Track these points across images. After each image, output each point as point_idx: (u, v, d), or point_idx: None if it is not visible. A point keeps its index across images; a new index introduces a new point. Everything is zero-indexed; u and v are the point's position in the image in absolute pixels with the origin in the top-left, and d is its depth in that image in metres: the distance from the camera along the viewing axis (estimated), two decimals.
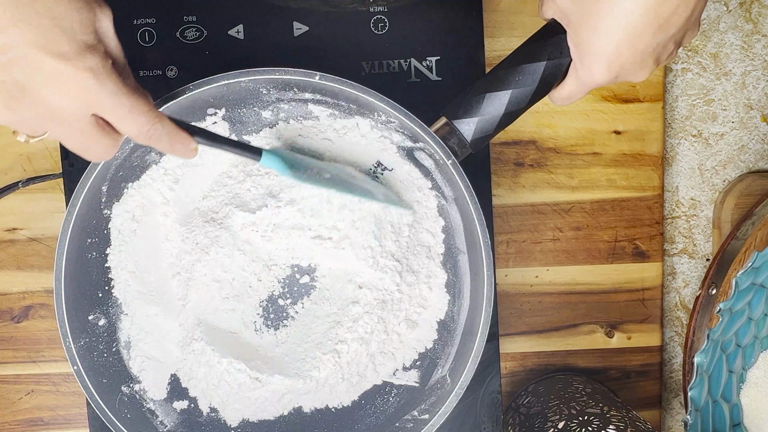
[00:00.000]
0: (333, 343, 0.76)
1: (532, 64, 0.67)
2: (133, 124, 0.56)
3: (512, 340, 0.89)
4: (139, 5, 0.81)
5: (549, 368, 0.89)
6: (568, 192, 0.87)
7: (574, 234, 0.88)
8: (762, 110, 0.89)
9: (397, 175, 0.77)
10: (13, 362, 0.86)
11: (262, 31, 0.82)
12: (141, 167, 0.76)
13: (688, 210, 0.91)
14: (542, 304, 0.89)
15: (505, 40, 0.85)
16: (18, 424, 0.87)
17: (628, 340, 0.89)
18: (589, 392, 0.83)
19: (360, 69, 0.82)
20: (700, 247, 0.91)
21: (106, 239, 0.76)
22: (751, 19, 0.88)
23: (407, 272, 0.77)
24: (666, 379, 0.93)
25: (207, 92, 0.71)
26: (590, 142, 0.87)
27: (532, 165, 0.87)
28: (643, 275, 0.88)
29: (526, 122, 0.86)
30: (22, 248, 0.85)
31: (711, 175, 0.90)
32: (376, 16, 0.82)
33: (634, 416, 0.79)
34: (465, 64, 0.82)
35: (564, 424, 0.77)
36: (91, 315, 0.74)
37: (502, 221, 0.87)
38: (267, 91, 0.74)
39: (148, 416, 0.75)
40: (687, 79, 0.89)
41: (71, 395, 0.87)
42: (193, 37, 0.81)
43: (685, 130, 0.90)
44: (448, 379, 0.76)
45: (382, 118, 0.74)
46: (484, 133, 0.69)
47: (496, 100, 0.67)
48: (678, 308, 0.92)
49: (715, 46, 0.88)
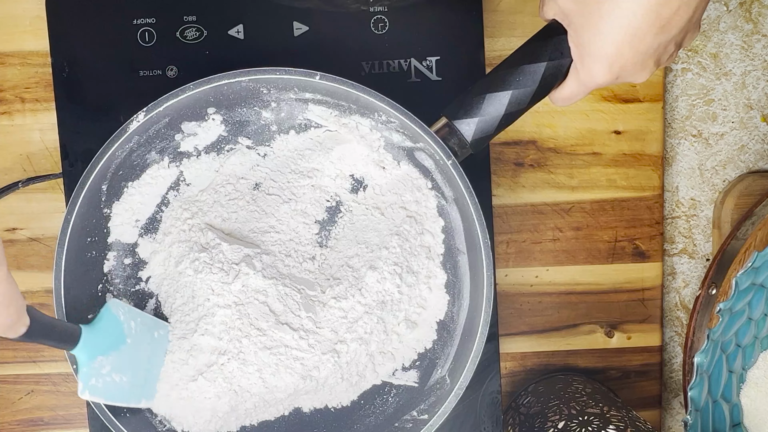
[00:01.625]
0: (332, 343, 0.76)
1: (533, 65, 0.67)
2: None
3: (512, 340, 0.89)
4: (139, 5, 0.81)
5: (549, 368, 0.89)
6: (568, 192, 0.87)
7: (574, 234, 0.88)
8: (762, 110, 0.89)
9: (392, 177, 0.77)
10: (13, 362, 0.86)
11: (262, 31, 0.82)
12: (141, 166, 0.76)
13: (688, 210, 0.91)
14: (542, 304, 0.89)
15: (505, 40, 0.85)
16: (18, 424, 0.87)
17: (628, 340, 0.89)
18: (589, 392, 0.83)
19: (360, 69, 0.82)
20: (700, 247, 0.91)
21: (106, 239, 0.76)
22: (751, 19, 0.88)
23: (407, 273, 0.77)
24: (666, 379, 0.93)
25: (207, 92, 0.71)
26: (590, 142, 0.87)
27: (532, 165, 0.87)
28: (643, 275, 0.88)
29: (526, 122, 0.86)
30: (22, 248, 0.85)
31: (711, 175, 0.90)
32: (376, 16, 0.82)
33: (634, 416, 0.79)
34: (465, 64, 0.82)
35: (564, 424, 0.77)
36: (91, 314, 0.74)
37: (502, 221, 0.87)
38: (267, 91, 0.74)
39: (147, 416, 0.75)
40: (687, 79, 0.89)
41: (71, 395, 0.87)
42: (193, 37, 0.81)
43: (685, 130, 0.90)
44: (448, 379, 0.76)
45: (382, 118, 0.74)
46: (485, 134, 0.69)
47: (496, 100, 0.67)
48: (678, 308, 0.92)
49: (715, 46, 0.88)
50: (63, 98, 0.81)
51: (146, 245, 0.77)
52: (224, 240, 0.75)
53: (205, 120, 0.76)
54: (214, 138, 0.77)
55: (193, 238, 0.76)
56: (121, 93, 0.81)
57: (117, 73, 0.81)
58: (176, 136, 0.76)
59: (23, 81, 0.83)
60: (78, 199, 0.70)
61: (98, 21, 0.81)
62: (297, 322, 0.75)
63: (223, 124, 0.76)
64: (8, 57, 0.83)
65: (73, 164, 0.81)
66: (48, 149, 0.84)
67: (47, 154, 0.84)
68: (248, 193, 0.78)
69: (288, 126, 0.78)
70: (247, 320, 0.74)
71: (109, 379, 0.68)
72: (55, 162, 0.84)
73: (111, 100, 0.81)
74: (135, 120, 0.71)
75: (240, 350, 0.74)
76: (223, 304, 0.74)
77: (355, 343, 0.76)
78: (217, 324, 0.74)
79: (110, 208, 0.75)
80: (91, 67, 0.81)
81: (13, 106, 0.84)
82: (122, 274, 0.77)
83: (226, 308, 0.74)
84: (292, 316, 0.75)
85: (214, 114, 0.75)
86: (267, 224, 0.78)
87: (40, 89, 0.83)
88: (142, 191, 0.76)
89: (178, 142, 0.76)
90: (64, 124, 0.81)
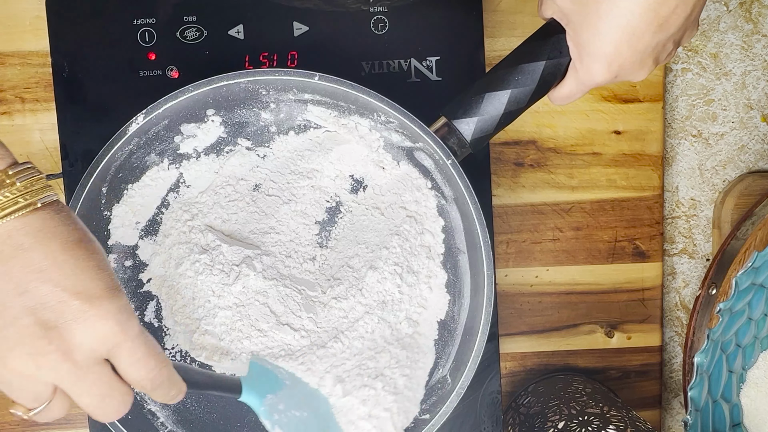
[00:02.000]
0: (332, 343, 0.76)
1: (532, 64, 0.67)
2: (143, 368, 0.53)
3: (512, 340, 0.89)
4: (139, 5, 0.81)
5: (549, 368, 0.89)
6: (568, 192, 0.87)
7: (574, 234, 0.88)
8: (762, 110, 0.89)
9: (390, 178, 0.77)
10: None
11: (262, 31, 0.82)
12: (141, 168, 0.76)
13: (688, 210, 0.90)
14: (542, 304, 0.89)
15: (505, 40, 0.85)
16: (18, 424, 0.87)
17: (628, 340, 0.89)
18: (589, 392, 0.83)
19: (360, 69, 0.82)
20: (700, 247, 0.91)
21: (106, 241, 0.76)
22: (751, 19, 0.88)
23: (407, 273, 0.77)
24: (666, 379, 0.93)
25: (206, 93, 0.71)
26: (590, 142, 0.87)
27: (532, 165, 0.87)
28: (643, 275, 0.88)
29: (526, 122, 0.86)
30: None
31: (711, 175, 0.90)
32: (376, 16, 0.82)
33: (634, 416, 0.79)
34: (465, 64, 0.82)
35: (564, 424, 0.77)
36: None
37: (502, 221, 0.87)
38: (266, 92, 0.74)
39: (148, 417, 0.75)
40: (687, 79, 0.89)
41: None
42: (193, 37, 0.81)
43: (685, 130, 0.89)
44: (449, 379, 0.76)
45: (382, 118, 0.74)
46: (484, 133, 0.69)
47: (495, 99, 0.67)
48: (678, 308, 0.92)
49: (715, 46, 0.88)
50: (63, 98, 0.81)
51: (146, 247, 0.77)
52: (224, 241, 0.75)
53: (204, 121, 0.76)
54: (214, 139, 0.77)
55: (194, 239, 0.76)
56: (121, 93, 0.81)
57: (117, 73, 0.81)
58: (176, 138, 0.76)
59: (23, 81, 0.83)
60: (78, 201, 0.70)
61: (98, 21, 0.81)
62: (298, 322, 0.75)
63: (223, 125, 0.77)
64: (8, 57, 0.83)
65: (73, 164, 0.81)
66: (48, 149, 0.84)
67: (47, 154, 0.84)
68: (248, 195, 0.78)
69: (287, 127, 0.78)
70: (248, 321, 0.74)
71: (290, 414, 0.67)
72: (55, 162, 0.84)
73: (111, 100, 0.81)
74: (134, 122, 0.71)
75: (241, 351, 0.74)
76: (223, 305, 0.74)
77: (357, 342, 0.76)
78: (218, 325, 0.74)
79: (110, 210, 0.75)
80: (91, 67, 0.81)
81: (13, 106, 0.84)
82: (122, 276, 0.77)
83: (226, 309, 0.74)
84: (293, 317, 0.75)
85: (213, 115, 0.75)
86: (267, 225, 0.78)
87: (40, 89, 0.83)
88: (142, 193, 0.76)
89: (178, 143, 0.76)
90: (64, 124, 0.81)
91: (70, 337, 0.50)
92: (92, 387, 0.52)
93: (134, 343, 0.52)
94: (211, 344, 0.74)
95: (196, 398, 0.78)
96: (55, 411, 0.53)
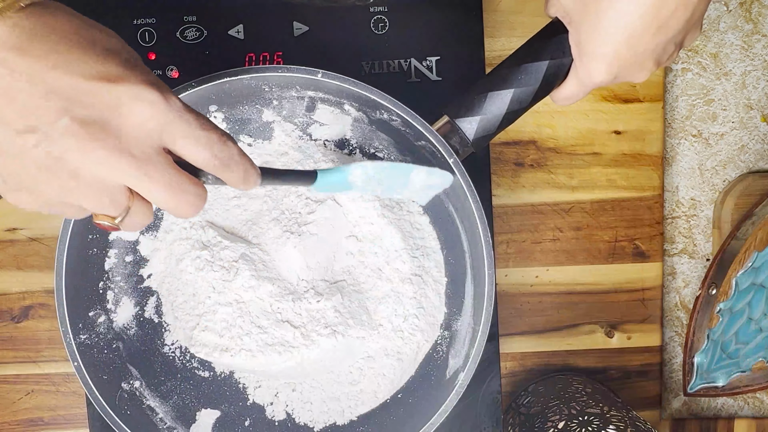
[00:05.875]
0: None
1: (535, 64, 0.67)
2: (206, 145, 0.50)
3: (512, 340, 0.89)
4: (139, 5, 0.81)
5: (549, 368, 0.89)
6: (568, 192, 0.87)
7: (574, 234, 0.88)
8: (762, 110, 0.90)
9: None
10: (13, 362, 0.86)
11: (262, 31, 0.82)
12: None
13: (688, 210, 0.91)
14: (542, 304, 0.89)
15: (505, 40, 0.85)
16: (18, 424, 0.87)
17: (628, 340, 0.89)
18: (589, 392, 0.83)
19: (360, 69, 0.82)
20: (700, 247, 0.91)
21: (107, 236, 0.75)
22: (751, 19, 0.88)
23: (411, 275, 0.77)
24: (666, 379, 0.93)
25: (209, 90, 0.71)
26: (590, 142, 0.87)
27: (532, 165, 0.87)
28: (643, 275, 0.89)
29: (526, 122, 0.86)
30: (22, 248, 0.85)
31: (711, 175, 0.90)
32: (376, 16, 0.82)
33: (634, 416, 0.79)
34: (465, 64, 0.82)
35: (564, 424, 0.77)
36: (92, 311, 0.74)
37: (502, 221, 0.87)
38: (269, 89, 0.74)
39: (147, 413, 0.75)
40: (687, 79, 0.89)
41: (71, 395, 0.87)
42: (193, 37, 0.81)
43: (685, 130, 0.90)
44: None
45: (384, 116, 0.74)
46: (486, 132, 0.68)
47: (498, 99, 0.67)
48: (678, 308, 0.92)
49: (715, 46, 0.89)
50: None
51: (147, 243, 0.77)
52: (225, 238, 0.75)
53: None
54: None
55: (194, 236, 0.76)
56: None
57: None
58: None
59: None
60: None
61: (98, 21, 0.80)
62: (298, 320, 0.75)
63: (225, 122, 0.76)
64: None
65: None
66: None
67: None
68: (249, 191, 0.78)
69: (290, 126, 0.78)
70: (248, 318, 0.74)
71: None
72: None
73: None
74: None
75: (241, 348, 0.74)
76: (224, 301, 0.74)
77: None
78: (218, 322, 0.74)
79: None
80: None
81: None
82: (123, 272, 0.77)
83: (227, 306, 0.74)
84: (293, 313, 0.75)
85: (215, 112, 0.75)
86: (267, 223, 0.78)
87: None
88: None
89: None
90: None
91: (116, 128, 0.47)
92: (160, 178, 0.49)
93: (184, 117, 0.49)
94: (211, 340, 0.74)
95: (196, 395, 0.78)
96: (139, 217, 0.51)
